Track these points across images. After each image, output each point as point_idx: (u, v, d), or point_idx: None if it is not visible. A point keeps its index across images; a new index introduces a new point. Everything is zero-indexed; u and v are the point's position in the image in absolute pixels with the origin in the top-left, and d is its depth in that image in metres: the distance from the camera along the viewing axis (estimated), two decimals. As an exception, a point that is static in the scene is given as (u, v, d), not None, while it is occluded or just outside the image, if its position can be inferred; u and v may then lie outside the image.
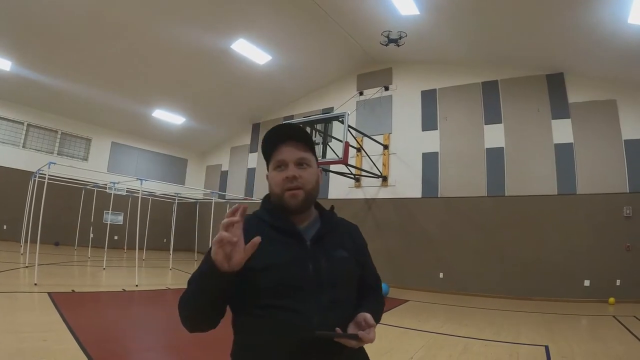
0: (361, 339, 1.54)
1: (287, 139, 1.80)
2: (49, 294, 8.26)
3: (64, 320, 6.34)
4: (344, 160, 11.70)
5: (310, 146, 1.85)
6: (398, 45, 14.10)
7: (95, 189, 16.45)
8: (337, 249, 1.78)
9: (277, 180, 1.75)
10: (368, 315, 1.63)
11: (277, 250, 1.66)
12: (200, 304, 1.57)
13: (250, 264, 1.55)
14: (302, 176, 1.74)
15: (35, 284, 9.03)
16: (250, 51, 15.22)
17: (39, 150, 18.09)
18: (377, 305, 1.92)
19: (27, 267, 11.36)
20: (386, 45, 14.28)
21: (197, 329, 1.65)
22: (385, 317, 8.90)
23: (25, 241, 13.31)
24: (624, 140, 11.99)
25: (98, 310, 7.89)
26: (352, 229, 2.02)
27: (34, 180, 13.06)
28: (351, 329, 1.61)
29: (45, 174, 10.60)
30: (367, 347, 1.68)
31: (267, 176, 1.84)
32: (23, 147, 17.82)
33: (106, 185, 15.92)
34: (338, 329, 1.55)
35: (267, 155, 1.82)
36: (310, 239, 1.73)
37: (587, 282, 11.61)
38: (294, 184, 1.73)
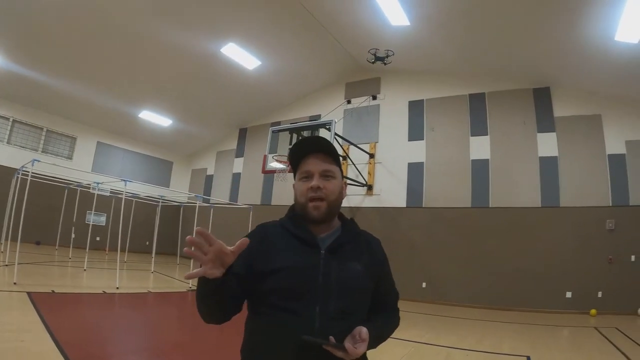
0: (347, 351, 1.56)
1: (314, 150, 1.86)
2: (29, 293, 8.14)
3: (43, 321, 6.25)
4: (329, 168, 11.64)
5: (335, 159, 1.89)
6: (385, 64, 14.18)
7: (79, 188, 16.18)
8: (351, 260, 1.80)
9: (302, 190, 1.81)
10: (364, 330, 1.64)
11: (290, 256, 1.72)
12: (206, 305, 1.64)
13: (263, 267, 1.69)
14: (326, 187, 1.79)
15: (15, 283, 8.89)
16: (240, 56, 15.19)
17: (23, 147, 17.82)
18: (385, 323, 1.93)
19: (6, 265, 11.20)
20: (373, 62, 14.38)
21: (209, 322, 1.72)
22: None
23: (6, 239, 13.16)
24: (608, 155, 12.12)
25: (78, 311, 7.81)
26: (373, 242, 2.04)
27: (17, 178, 12.88)
28: (347, 341, 1.61)
29: (28, 172, 10.47)
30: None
31: (293, 185, 1.90)
32: (7, 143, 17.56)
33: (90, 185, 15.72)
34: (331, 338, 1.56)
35: (294, 165, 1.89)
36: (325, 248, 1.77)
37: (569, 294, 11.68)
38: (318, 194, 1.78)
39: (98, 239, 18.80)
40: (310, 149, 1.87)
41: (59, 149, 19.27)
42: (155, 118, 19.85)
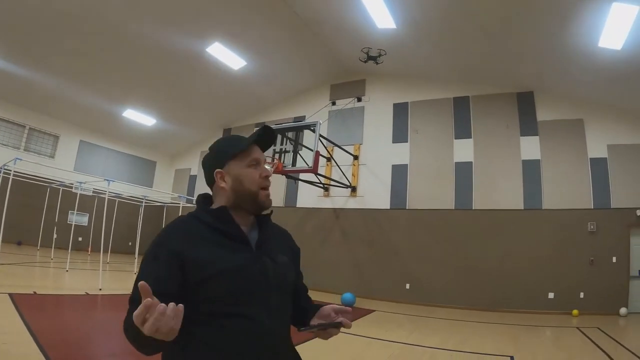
0: (344, 325, 1.61)
1: (267, 142, 1.86)
2: (10, 295, 8.03)
3: (25, 323, 6.17)
4: (313, 170, 11.75)
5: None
6: (377, 63, 14.21)
7: (61, 187, 15.97)
8: (278, 254, 1.78)
9: (254, 177, 1.73)
10: (334, 306, 1.69)
11: (225, 255, 1.61)
12: (147, 349, 1.46)
13: (197, 274, 1.53)
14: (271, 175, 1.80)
15: None
16: (226, 56, 15.15)
17: (5, 145, 17.49)
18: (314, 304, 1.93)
19: (-13, 266, 11.01)
20: (365, 61, 14.38)
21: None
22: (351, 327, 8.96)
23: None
24: (590, 159, 12.32)
25: (60, 313, 7.75)
26: (287, 235, 2.02)
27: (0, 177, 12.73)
28: (315, 323, 1.67)
29: (10, 170, 10.33)
30: (333, 356, 1.69)
31: (218, 173, 1.75)
32: (-12, 141, 17.31)
33: (72, 184, 15.56)
34: (320, 321, 1.63)
35: (236, 150, 1.76)
36: (254, 244, 1.71)
37: (551, 295, 11.82)
38: (269, 183, 1.77)
39: (80, 239, 18.60)
40: (267, 139, 1.85)
41: (42, 148, 19.01)
42: (139, 117, 19.68)
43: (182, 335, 1.42)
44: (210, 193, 1.83)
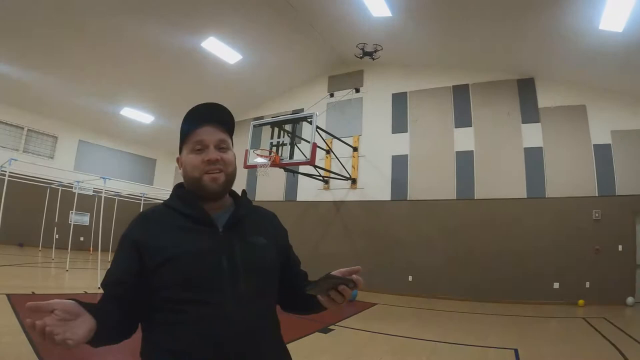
0: (355, 282, 1.53)
1: (209, 119, 1.70)
2: (8, 295, 7.99)
3: (21, 324, 6.08)
4: (311, 162, 11.58)
5: (229, 129, 1.77)
6: (373, 59, 14.05)
7: (60, 188, 16.00)
8: (253, 235, 1.69)
9: (196, 163, 1.63)
10: (337, 272, 1.58)
11: (185, 239, 1.55)
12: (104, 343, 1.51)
13: (153, 259, 1.50)
14: (223, 158, 1.66)
15: None
16: (221, 50, 15.00)
17: (4, 147, 17.42)
18: None
19: (-12, 268, 10.98)
20: (361, 57, 14.25)
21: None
22: (352, 320, 8.84)
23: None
24: (593, 145, 12.09)
25: (57, 312, 7.60)
26: (272, 217, 1.93)
27: None
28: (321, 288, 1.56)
29: (5, 171, 10.30)
30: (333, 350, 1.55)
31: (178, 159, 1.74)
32: (-12, 143, 17.30)
33: (71, 184, 15.45)
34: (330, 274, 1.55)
35: (183, 135, 1.71)
36: (223, 226, 1.63)
37: (556, 285, 11.63)
38: (217, 166, 1.64)
39: (82, 239, 18.57)
40: (205, 117, 1.70)
41: (40, 149, 18.99)
42: (136, 115, 19.56)
43: (146, 323, 1.56)
44: None
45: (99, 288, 7.34)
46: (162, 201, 1.65)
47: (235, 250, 1.58)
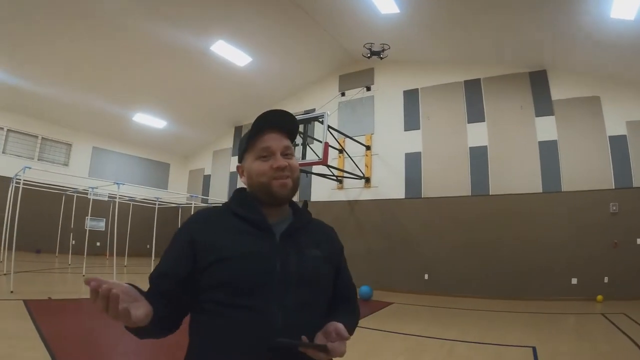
0: (330, 351, 1.43)
1: (273, 126, 1.68)
2: (25, 301, 8.08)
3: (37, 329, 6.15)
4: (323, 161, 11.52)
5: (293, 135, 1.75)
6: (381, 58, 13.96)
7: (75, 194, 16.14)
8: (310, 247, 1.66)
9: (264, 169, 1.61)
10: (340, 326, 1.50)
11: (240, 242, 1.54)
12: (148, 336, 1.50)
13: (207, 256, 1.49)
14: (290, 165, 1.65)
15: (12, 292, 8.85)
16: (230, 53, 15.02)
17: (19, 156, 17.74)
18: (352, 317, 1.79)
19: (5, 274, 11.03)
20: (369, 57, 14.15)
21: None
22: (368, 320, 8.78)
23: (5, 248, 13.07)
24: (609, 137, 11.89)
25: (73, 318, 7.65)
26: (330, 231, 1.90)
27: (12, 187, 12.81)
28: (319, 340, 1.48)
29: (20, 179, 10.42)
30: (349, 350, 1.50)
31: (239, 168, 1.75)
32: (3, 152, 17.57)
33: (86, 190, 15.56)
34: (304, 338, 1.43)
35: (246, 143, 1.70)
36: (280, 234, 1.61)
37: (574, 280, 11.47)
38: (285, 173, 1.63)
39: (98, 244, 18.69)
40: (274, 123, 1.68)
41: (55, 156, 19.23)
42: (149, 120, 19.70)
43: (191, 323, 1.56)
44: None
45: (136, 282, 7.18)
46: (176, 205, 1.65)
47: (289, 259, 1.56)
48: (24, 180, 10.62)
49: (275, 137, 1.65)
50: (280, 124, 1.69)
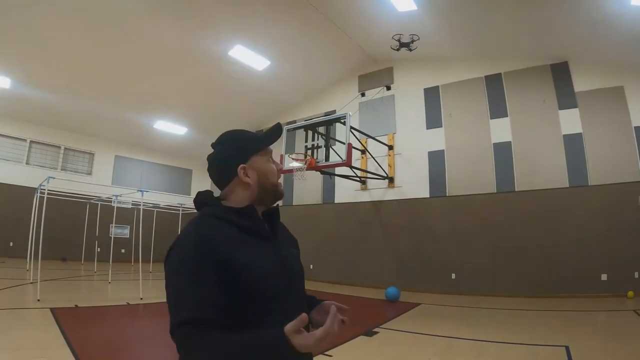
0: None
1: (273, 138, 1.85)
2: (52, 309, 8.17)
3: (64, 336, 6.22)
4: (347, 162, 11.48)
5: None
6: (410, 50, 13.77)
7: (99, 202, 16.32)
8: (290, 246, 1.82)
9: (275, 171, 1.79)
10: (335, 303, 1.68)
11: (259, 253, 1.57)
12: None
13: (244, 274, 1.48)
14: None
15: (39, 300, 8.96)
16: (248, 57, 15.06)
17: (42, 167, 18.08)
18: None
19: (32, 283, 11.22)
20: (397, 49, 13.98)
21: None
22: (396, 322, 8.74)
23: (33, 257, 13.23)
24: (634, 127, 11.66)
25: (99, 325, 7.75)
26: (285, 227, 1.96)
27: (37, 196, 12.98)
28: (316, 314, 1.76)
29: (45, 189, 10.59)
30: (380, 353, 1.52)
31: (243, 168, 1.71)
32: (27, 163, 17.89)
33: (110, 198, 15.74)
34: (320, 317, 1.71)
35: (258, 145, 1.79)
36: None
37: (604, 276, 11.24)
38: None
39: (123, 251, 18.93)
40: (278, 135, 1.87)
41: (78, 166, 19.54)
42: (170, 127, 19.86)
43: None
44: (210, 189, 1.84)
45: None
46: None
47: (288, 260, 1.70)
48: (49, 190, 10.76)
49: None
50: (275, 136, 1.85)
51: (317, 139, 12.44)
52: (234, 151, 1.76)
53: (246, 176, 1.69)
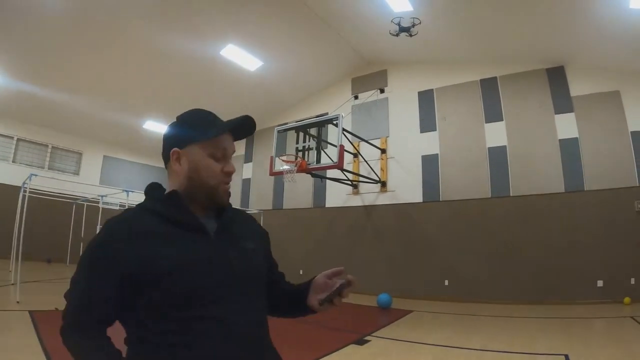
0: (351, 282, 1.59)
1: (244, 132, 1.70)
2: (30, 312, 8.00)
3: (40, 341, 6.03)
4: (339, 165, 11.31)
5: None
6: (410, 35, 13.41)
7: (85, 203, 16.11)
8: (244, 240, 1.61)
9: (215, 171, 1.55)
10: (324, 273, 1.67)
11: (179, 249, 1.40)
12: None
13: (145, 273, 1.34)
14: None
15: (18, 302, 8.80)
16: (241, 57, 14.85)
17: (29, 165, 17.81)
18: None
19: (13, 284, 10.98)
20: (397, 35, 13.61)
21: None
22: (389, 330, 8.51)
23: (15, 258, 13.05)
24: (631, 132, 11.55)
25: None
26: (252, 220, 1.84)
27: (23, 195, 12.80)
28: (314, 297, 1.67)
29: (27, 187, 10.48)
30: None
31: (177, 153, 1.59)
32: (13, 161, 17.63)
33: (96, 199, 15.67)
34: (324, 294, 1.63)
35: (203, 134, 1.56)
36: (215, 232, 1.53)
37: (600, 282, 11.10)
38: (230, 179, 1.61)
39: (110, 252, 18.70)
40: (246, 128, 1.69)
41: (66, 165, 19.36)
42: (159, 128, 19.54)
43: (141, 347, 1.38)
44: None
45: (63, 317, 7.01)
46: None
47: (230, 257, 1.49)
48: (33, 189, 10.65)
49: (231, 140, 1.63)
50: (243, 130, 1.68)
51: (309, 141, 12.28)
52: (176, 131, 1.64)
53: (177, 162, 1.58)
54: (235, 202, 19.04)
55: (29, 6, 11.44)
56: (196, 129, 1.57)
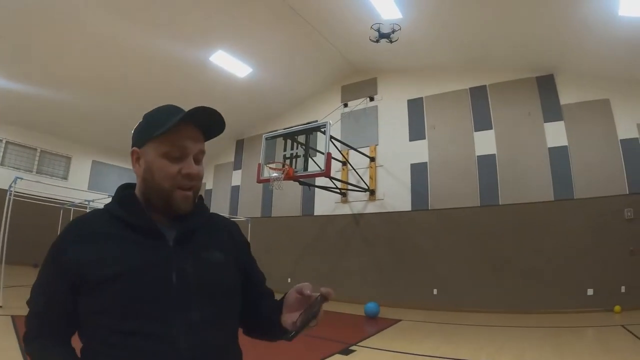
0: (325, 296, 1.38)
1: (197, 122, 1.46)
2: (12, 317, 7.96)
3: (20, 347, 5.92)
4: (326, 173, 11.23)
5: (206, 139, 1.52)
6: (391, 42, 13.33)
7: (72, 207, 15.96)
8: (210, 250, 1.44)
9: (171, 172, 1.36)
10: (294, 288, 1.42)
11: (126, 254, 1.29)
12: None
13: (89, 277, 1.25)
14: (199, 174, 1.43)
15: (1, 307, 8.77)
16: (230, 63, 14.76)
17: (17, 169, 17.59)
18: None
19: (-4, 289, 10.89)
20: (377, 41, 13.51)
21: None
22: (375, 339, 8.36)
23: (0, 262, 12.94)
24: (620, 140, 11.54)
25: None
26: (232, 227, 1.66)
27: (8, 199, 12.68)
28: (289, 315, 1.42)
29: (12, 190, 10.43)
30: None
31: (135, 152, 1.46)
32: (1, 165, 17.50)
33: (83, 204, 15.59)
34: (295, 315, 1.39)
35: (157, 129, 1.38)
36: (174, 239, 1.37)
37: (590, 291, 11.03)
38: (192, 182, 1.40)
39: (97, 258, 18.58)
40: (194, 119, 1.44)
41: (54, 169, 19.22)
42: (149, 134, 19.46)
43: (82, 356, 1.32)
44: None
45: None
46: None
47: (186, 267, 1.34)
48: (19, 192, 10.58)
49: (194, 137, 1.43)
50: (206, 124, 1.48)
51: (297, 148, 12.20)
52: (137, 129, 1.50)
53: (137, 163, 1.44)
54: (223, 209, 18.99)
55: (18, 9, 11.37)
56: (153, 126, 1.42)
